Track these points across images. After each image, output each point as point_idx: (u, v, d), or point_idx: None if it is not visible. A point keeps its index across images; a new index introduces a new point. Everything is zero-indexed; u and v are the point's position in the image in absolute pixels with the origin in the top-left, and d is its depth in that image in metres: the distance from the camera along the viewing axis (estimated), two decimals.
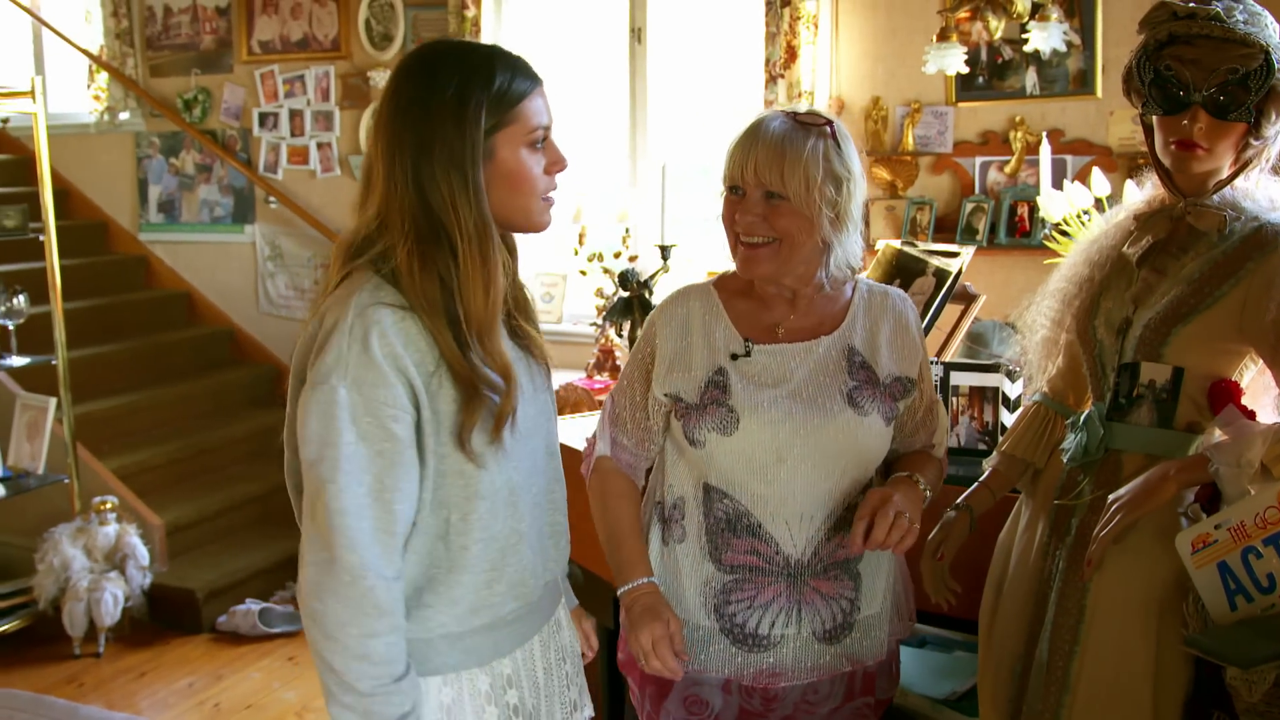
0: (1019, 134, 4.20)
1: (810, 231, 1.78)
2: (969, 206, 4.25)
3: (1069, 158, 4.09)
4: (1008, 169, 4.25)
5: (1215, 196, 1.87)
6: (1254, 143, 1.83)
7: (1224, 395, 1.84)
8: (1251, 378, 1.89)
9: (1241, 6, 1.80)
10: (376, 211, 1.50)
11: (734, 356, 1.85)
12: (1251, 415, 1.82)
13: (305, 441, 1.44)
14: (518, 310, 1.65)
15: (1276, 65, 1.76)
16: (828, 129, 1.79)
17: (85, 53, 5.92)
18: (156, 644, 4.25)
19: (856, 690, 1.94)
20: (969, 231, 4.21)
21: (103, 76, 5.95)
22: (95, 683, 3.97)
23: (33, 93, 4.26)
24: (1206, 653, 1.68)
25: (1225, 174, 1.87)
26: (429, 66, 1.51)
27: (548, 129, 1.57)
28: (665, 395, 1.89)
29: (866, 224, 4.43)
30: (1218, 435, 1.82)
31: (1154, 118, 1.88)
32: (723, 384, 1.83)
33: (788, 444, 1.80)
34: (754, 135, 1.79)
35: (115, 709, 3.75)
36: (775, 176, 1.75)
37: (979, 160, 4.32)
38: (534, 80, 1.55)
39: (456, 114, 1.46)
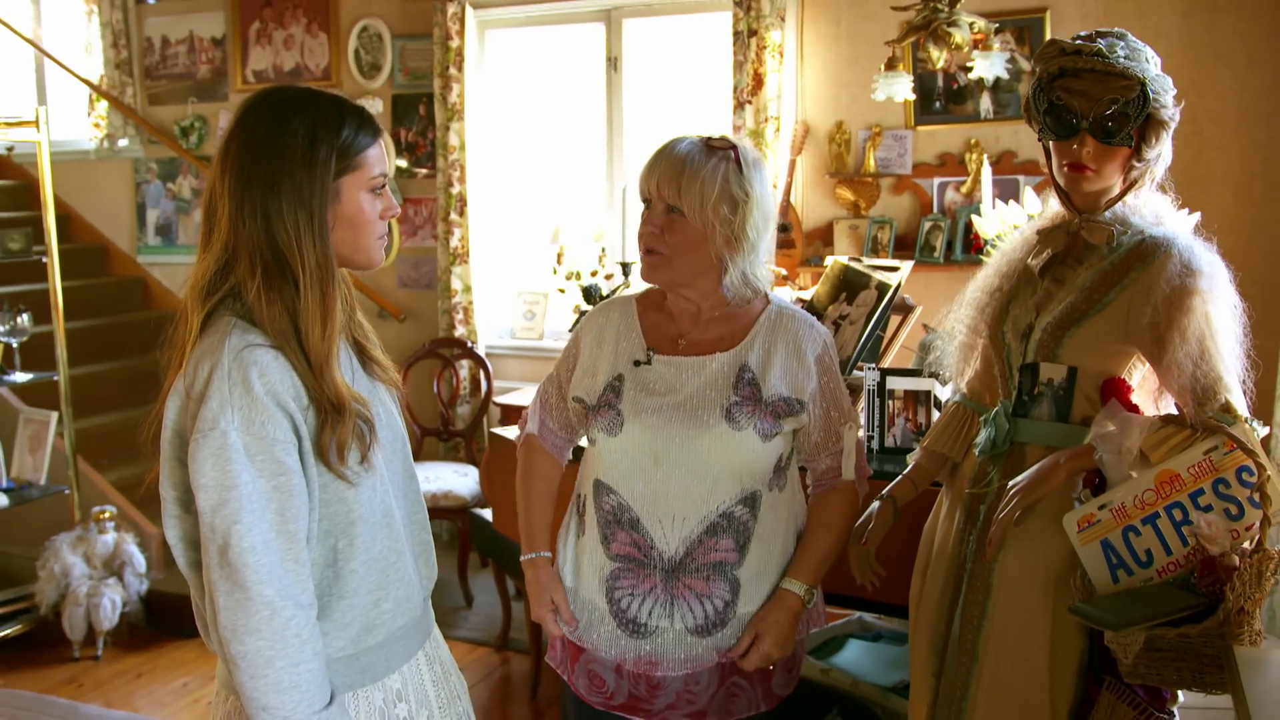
0: (974, 156, 4.40)
1: (703, 246, 1.93)
2: (927, 225, 4.45)
3: (1021, 178, 4.30)
4: (964, 189, 4.45)
5: (1107, 213, 2.07)
6: (1137, 164, 2.04)
7: (1112, 391, 2.03)
8: (1142, 376, 2.09)
9: (1123, 43, 2.01)
10: (223, 247, 1.54)
11: (636, 363, 2.00)
12: (1135, 409, 2.02)
13: (202, 489, 1.46)
14: (364, 341, 1.72)
15: (1151, 96, 1.96)
16: (731, 153, 1.93)
17: (86, 82, 6.14)
18: (153, 647, 4.43)
19: (728, 672, 2.01)
20: (927, 249, 4.42)
21: (103, 105, 6.18)
22: (94, 684, 4.13)
23: (36, 122, 4.45)
24: (1087, 619, 1.86)
25: (1115, 192, 2.07)
26: (279, 109, 1.55)
27: (386, 177, 1.63)
28: (573, 400, 2.07)
29: (830, 242, 4.64)
30: (1109, 428, 2.01)
31: (1049, 142, 2.08)
32: (618, 389, 1.99)
33: (664, 449, 1.93)
34: (662, 153, 1.95)
35: (114, 708, 3.91)
36: (673, 191, 1.91)
37: (937, 181, 4.53)
38: (376, 131, 1.61)
39: (307, 156, 1.52)
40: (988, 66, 3.49)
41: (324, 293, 1.54)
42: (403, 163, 5.55)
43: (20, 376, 4.43)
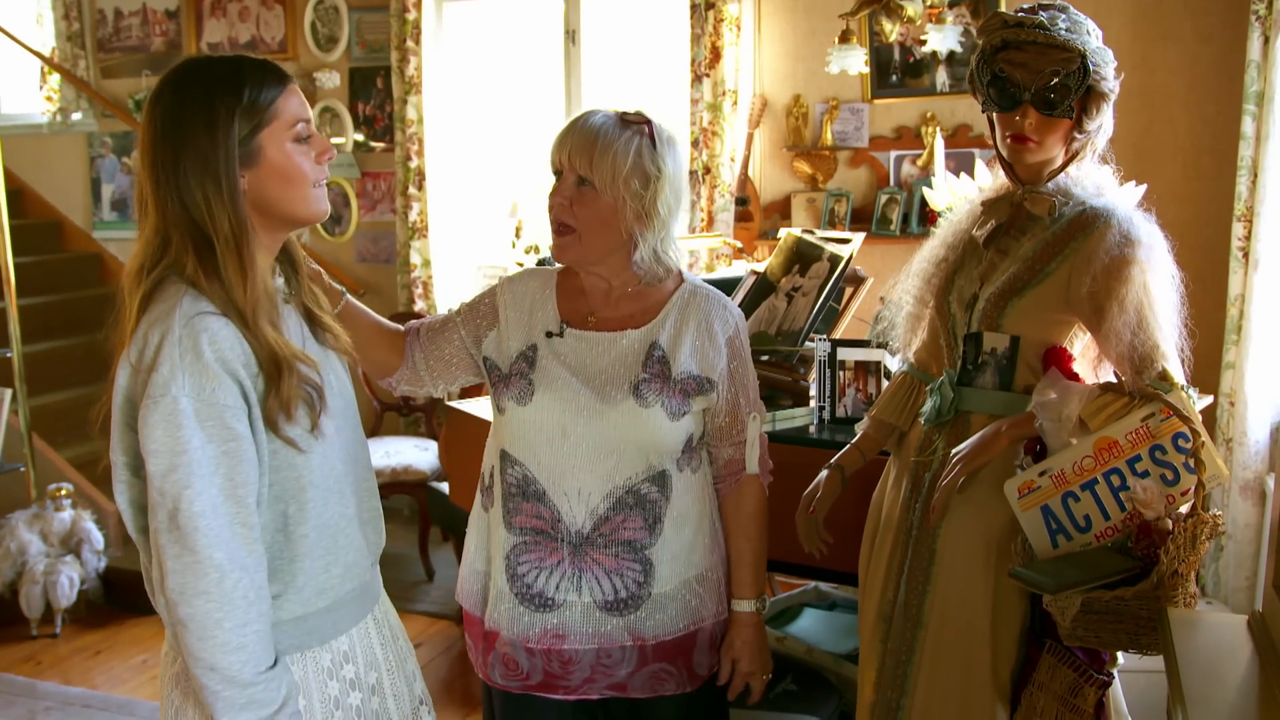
0: (930, 129, 4.42)
1: (613, 221, 1.91)
2: (883, 198, 4.48)
3: (976, 151, 4.32)
4: (920, 162, 4.48)
5: (1050, 184, 2.10)
6: (1079, 136, 2.06)
7: (1053, 360, 2.07)
8: (1083, 345, 2.13)
9: (1064, 16, 2.04)
10: (154, 229, 1.57)
11: (549, 335, 1.98)
12: (1075, 377, 2.05)
13: (153, 454, 1.49)
14: (315, 308, 1.76)
15: (1091, 68, 1.99)
16: (645, 128, 1.91)
17: (37, 55, 6.04)
18: (111, 624, 4.42)
19: (650, 657, 1.98)
20: (884, 221, 4.45)
21: (55, 78, 6.09)
22: (52, 661, 4.12)
23: None
24: (1025, 583, 1.90)
25: (1058, 164, 2.09)
26: (177, 86, 1.57)
27: (309, 122, 1.63)
28: (484, 358, 2.04)
29: (788, 215, 4.66)
30: (1050, 396, 2.04)
31: (993, 114, 2.11)
32: (531, 358, 1.97)
33: (571, 422, 1.91)
34: (575, 125, 1.93)
35: (72, 685, 3.91)
36: (584, 162, 1.89)
37: (893, 154, 4.56)
38: (283, 79, 1.61)
39: (207, 122, 1.54)
40: (941, 39, 3.51)
41: (240, 255, 1.56)
42: (360, 136, 5.51)
43: None
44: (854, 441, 2.35)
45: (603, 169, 1.88)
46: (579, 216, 1.91)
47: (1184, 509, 1.90)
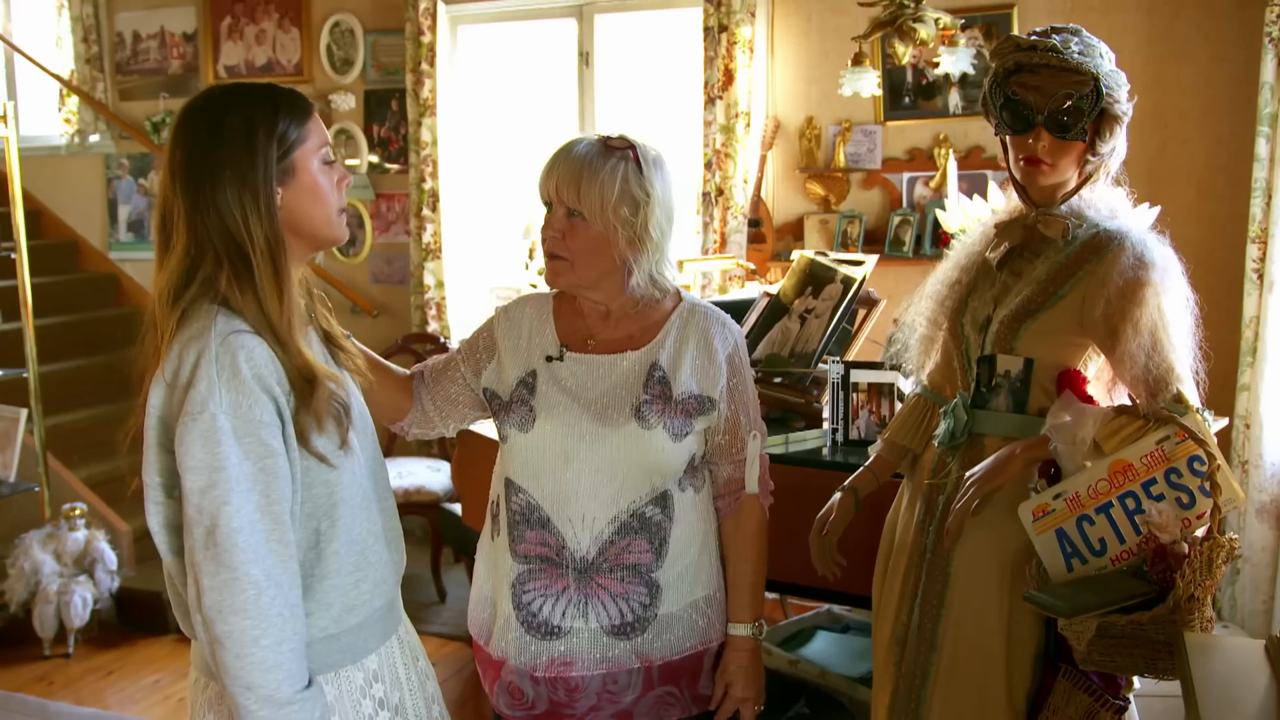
0: (943, 151, 4.43)
1: (605, 249, 1.90)
2: (896, 220, 4.49)
3: (989, 172, 4.32)
4: (933, 184, 4.49)
5: (1063, 206, 2.10)
6: (1092, 159, 2.06)
7: (1067, 383, 2.06)
8: (1097, 368, 2.12)
9: (1077, 39, 2.04)
10: (184, 251, 1.58)
11: (549, 359, 1.97)
12: (1090, 400, 2.05)
13: (191, 471, 1.49)
14: (331, 335, 1.79)
15: (1104, 91, 1.99)
16: (630, 153, 1.91)
17: (56, 77, 6.10)
18: (124, 644, 4.42)
19: (656, 681, 1.96)
20: (896, 243, 4.45)
21: (73, 100, 6.15)
22: (65, 681, 4.13)
23: (4, 117, 4.43)
24: (1040, 606, 1.89)
25: (1071, 186, 2.10)
26: (212, 107, 1.61)
27: (330, 147, 1.69)
28: (484, 390, 2.04)
29: (800, 237, 4.66)
30: (1065, 418, 2.04)
31: (1006, 137, 2.11)
32: (531, 385, 1.96)
33: (574, 447, 1.91)
34: (560, 155, 1.93)
35: (84, 706, 3.91)
36: (573, 194, 1.89)
37: (906, 176, 4.56)
38: (310, 107, 1.67)
39: (246, 140, 1.57)
40: (954, 62, 3.51)
41: (276, 268, 1.59)
42: (375, 158, 5.55)
43: None
44: (867, 464, 2.35)
45: (590, 199, 1.88)
46: (571, 248, 1.91)
47: (1200, 532, 1.89)
